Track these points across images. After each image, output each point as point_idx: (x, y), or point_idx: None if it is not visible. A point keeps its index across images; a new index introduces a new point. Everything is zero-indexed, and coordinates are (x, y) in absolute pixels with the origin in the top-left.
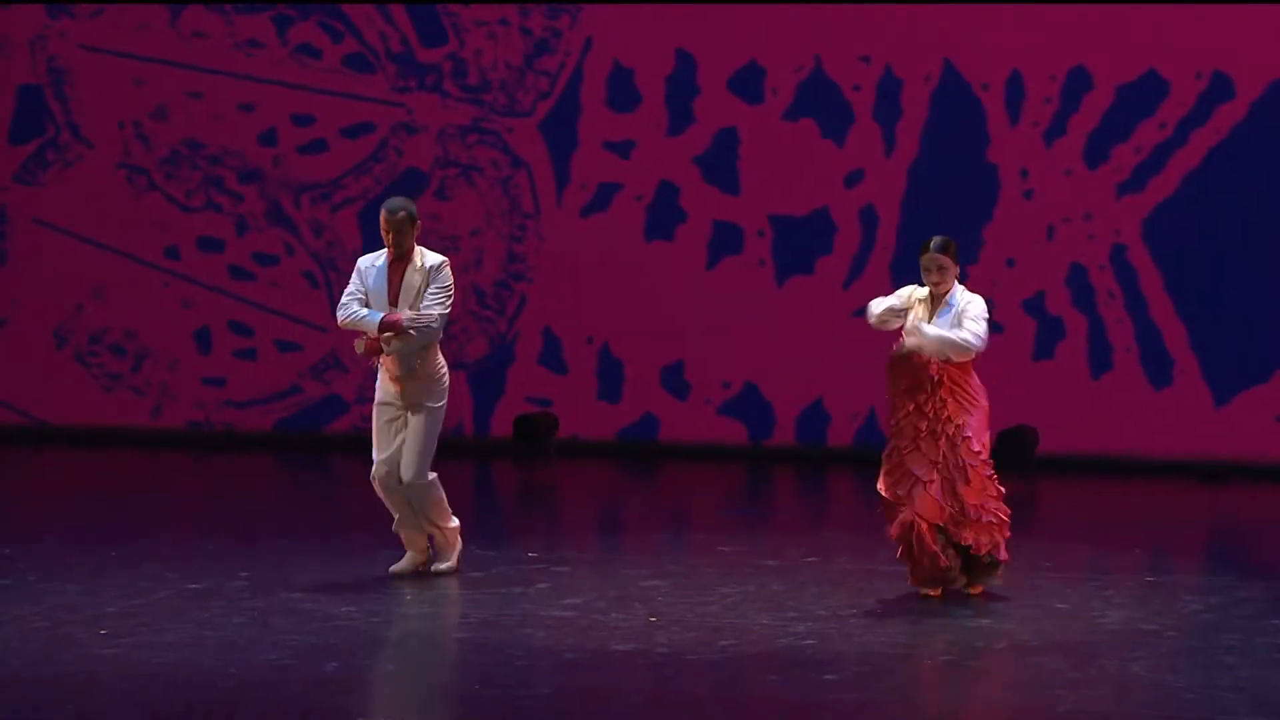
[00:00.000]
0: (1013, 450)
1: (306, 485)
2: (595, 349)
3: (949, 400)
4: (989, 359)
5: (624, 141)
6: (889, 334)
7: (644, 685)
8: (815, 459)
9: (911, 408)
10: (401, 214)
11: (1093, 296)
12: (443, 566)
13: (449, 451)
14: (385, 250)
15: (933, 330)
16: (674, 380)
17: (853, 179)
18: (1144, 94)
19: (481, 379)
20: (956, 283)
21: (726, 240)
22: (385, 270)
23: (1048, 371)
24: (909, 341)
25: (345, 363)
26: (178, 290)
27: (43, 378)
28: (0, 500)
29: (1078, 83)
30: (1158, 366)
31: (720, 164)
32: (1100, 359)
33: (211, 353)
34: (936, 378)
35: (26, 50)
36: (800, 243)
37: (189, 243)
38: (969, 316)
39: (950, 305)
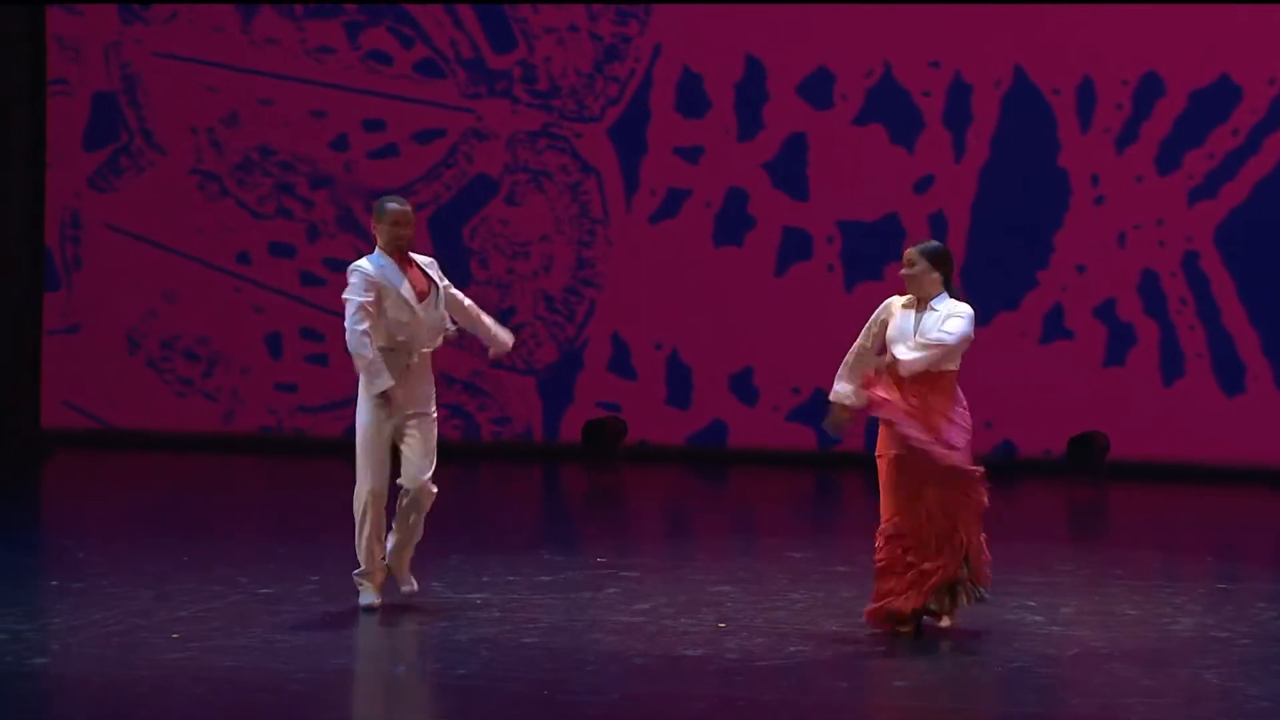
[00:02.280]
0: (1084, 456)
1: None
2: (664, 355)
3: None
4: (1061, 364)
5: (693, 147)
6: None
7: (713, 691)
8: None
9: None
10: (411, 208)
11: (1164, 303)
12: (409, 590)
13: (518, 455)
14: (378, 253)
15: (912, 354)
16: (743, 386)
17: (922, 185)
18: (1217, 100)
19: (550, 384)
20: (946, 294)
21: (796, 246)
22: (398, 271)
23: (1119, 378)
24: (904, 366)
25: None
26: (249, 296)
27: (115, 382)
28: (73, 504)
29: (1150, 88)
30: (1230, 373)
31: (789, 170)
32: (1172, 366)
33: (283, 358)
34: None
35: (101, 57)
36: (870, 249)
37: (260, 248)
38: (951, 318)
39: (934, 310)
